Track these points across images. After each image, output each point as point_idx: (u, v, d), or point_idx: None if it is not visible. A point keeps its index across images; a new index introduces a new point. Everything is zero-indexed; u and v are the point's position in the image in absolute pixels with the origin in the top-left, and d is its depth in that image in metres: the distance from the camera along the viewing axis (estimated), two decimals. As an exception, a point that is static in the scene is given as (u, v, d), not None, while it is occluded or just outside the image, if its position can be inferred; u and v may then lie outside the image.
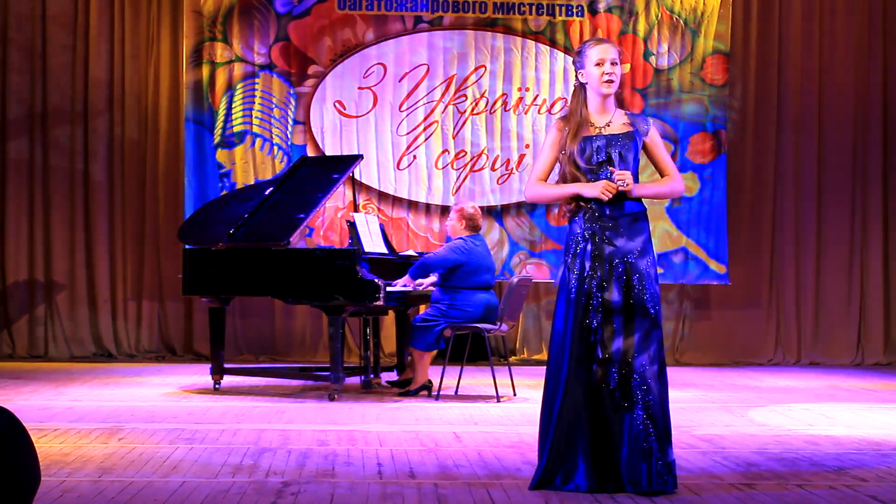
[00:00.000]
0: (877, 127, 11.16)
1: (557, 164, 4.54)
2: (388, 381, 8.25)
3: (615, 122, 4.49)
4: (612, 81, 4.44)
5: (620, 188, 4.34)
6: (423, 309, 8.26)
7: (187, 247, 7.92)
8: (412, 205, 10.70)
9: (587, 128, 4.46)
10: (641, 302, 4.34)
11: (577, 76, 4.54)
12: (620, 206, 4.41)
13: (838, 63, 11.16)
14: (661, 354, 4.37)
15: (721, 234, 10.84)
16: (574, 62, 4.57)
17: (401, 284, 7.72)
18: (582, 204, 4.43)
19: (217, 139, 10.57)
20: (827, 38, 11.18)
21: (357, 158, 8.40)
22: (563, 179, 4.48)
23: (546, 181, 4.54)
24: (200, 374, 8.98)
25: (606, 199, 4.36)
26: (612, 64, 4.44)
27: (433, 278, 7.73)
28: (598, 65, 4.44)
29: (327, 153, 10.52)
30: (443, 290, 7.65)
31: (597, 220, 4.41)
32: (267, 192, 8.01)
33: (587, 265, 4.39)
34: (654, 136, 4.53)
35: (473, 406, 7.20)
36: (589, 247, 4.40)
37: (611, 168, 4.37)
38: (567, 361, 4.34)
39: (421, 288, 7.80)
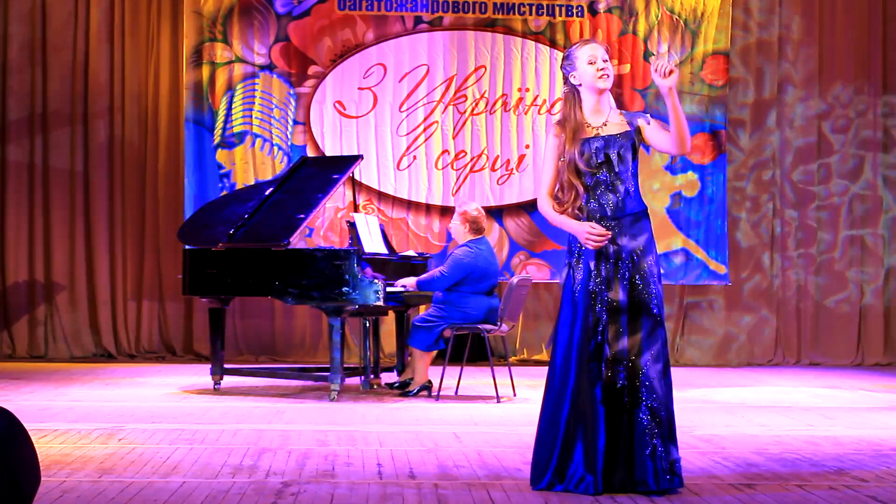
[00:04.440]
0: (876, 126, 11.16)
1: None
2: (386, 384, 8.20)
3: (612, 121, 4.47)
4: (608, 75, 4.44)
5: (666, 71, 4.18)
6: (423, 309, 8.25)
7: (187, 247, 7.92)
8: (412, 205, 10.70)
9: (584, 130, 4.45)
10: (645, 301, 4.33)
11: (567, 80, 4.53)
12: (622, 206, 4.39)
13: (838, 63, 11.16)
14: (666, 352, 4.36)
15: (721, 233, 10.84)
16: (563, 67, 4.57)
17: (399, 285, 7.70)
18: (583, 205, 4.41)
19: (217, 139, 10.57)
20: (827, 37, 11.18)
21: (357, 159, 8.38)
22: (562, 188, 4.41)
23: (555, 193, 4.47)
24: (200, 375, 8.97)
25: (592, 246, 4.29)
26: (604, 60, 4.46)
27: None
28: (590, 63, 4.45)
29: (327, 153, 10.51)
30: (446, 292, 7.63)
31: (599, 220, 4.38)
32: (267, 193, 8.00)
33: (591, 264, 4.36)
34: (653, 122, 4.47)
35: (473, 406, 7.20)
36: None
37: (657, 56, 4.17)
38: (575, 362, 4.31)
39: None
